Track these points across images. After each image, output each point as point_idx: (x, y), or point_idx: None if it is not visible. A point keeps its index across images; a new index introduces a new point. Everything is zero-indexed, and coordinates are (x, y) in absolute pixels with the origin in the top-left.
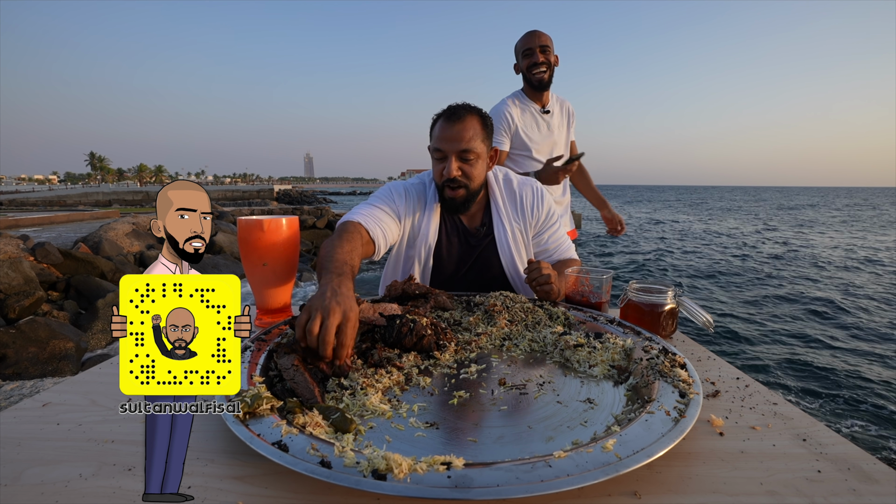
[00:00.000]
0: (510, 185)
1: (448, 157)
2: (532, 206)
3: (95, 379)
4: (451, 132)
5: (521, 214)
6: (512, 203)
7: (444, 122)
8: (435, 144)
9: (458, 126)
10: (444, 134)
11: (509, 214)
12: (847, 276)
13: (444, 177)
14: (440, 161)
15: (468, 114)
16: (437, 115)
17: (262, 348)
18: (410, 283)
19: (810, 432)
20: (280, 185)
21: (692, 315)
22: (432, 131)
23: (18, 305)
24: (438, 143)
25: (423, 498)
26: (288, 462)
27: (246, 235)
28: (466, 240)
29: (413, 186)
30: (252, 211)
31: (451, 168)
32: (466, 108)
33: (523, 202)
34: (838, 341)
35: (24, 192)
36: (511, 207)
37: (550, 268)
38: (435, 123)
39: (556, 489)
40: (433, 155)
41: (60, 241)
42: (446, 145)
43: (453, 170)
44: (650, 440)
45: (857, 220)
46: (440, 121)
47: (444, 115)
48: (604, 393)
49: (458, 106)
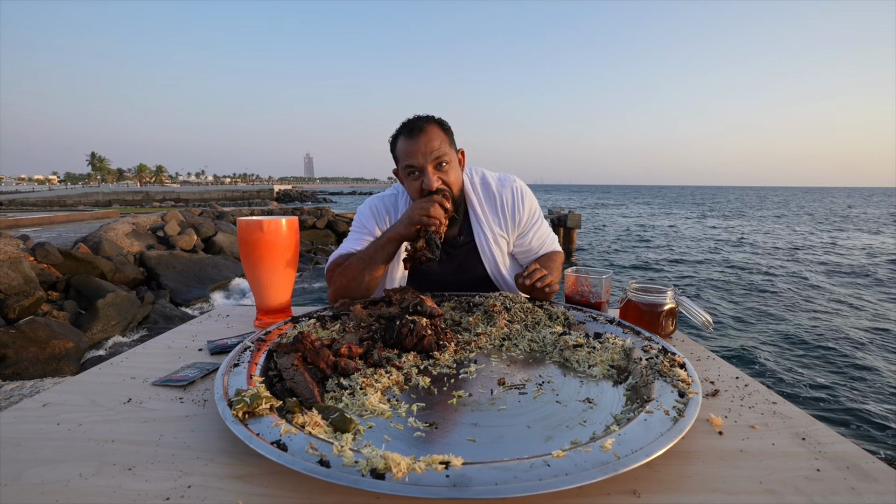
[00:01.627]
0: (488, 187)
1: (424, 170)
2: (513, 208)
3: (95, 379)
4: (417, 145)
5: (503, 218)
6: (491, 207)
7: (407, 139)
8: (406, 162)
9: (422, 138)
10: (410, 149)
11: (489, 219)
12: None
13: (425, 191)
14: (416, 178)
15: (427, 123)
16: (394, 135)
17: (261, 348)
18: (402, 295)
19: (809, 431)
20: (280, 186)
21: (691, 314)
22: (395, 152)
23: (18, 305)
24: (409, 159)
25: (421, 497)
26: (287, 461)
27: (246, 236)
28: (445, 249)
29: (383, 204)
30: (252, 211)
31: (430, 180)
32: (423, 118)
33: (503, 205)
34: (838, 340)
35: (24, 192)
36: (491, 212)
37: (541, 267)
38: (395, 143)
39: (555, 488)
40: (405, 174)
41: (60, 241)
42: (417, 160)
43: (433, 182)
44: (649, 440)
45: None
46: (401, 139)
47: (403, 132)
48: (603, 393)
49: (414, 119)
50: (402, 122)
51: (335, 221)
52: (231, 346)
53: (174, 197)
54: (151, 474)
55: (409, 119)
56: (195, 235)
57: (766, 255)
